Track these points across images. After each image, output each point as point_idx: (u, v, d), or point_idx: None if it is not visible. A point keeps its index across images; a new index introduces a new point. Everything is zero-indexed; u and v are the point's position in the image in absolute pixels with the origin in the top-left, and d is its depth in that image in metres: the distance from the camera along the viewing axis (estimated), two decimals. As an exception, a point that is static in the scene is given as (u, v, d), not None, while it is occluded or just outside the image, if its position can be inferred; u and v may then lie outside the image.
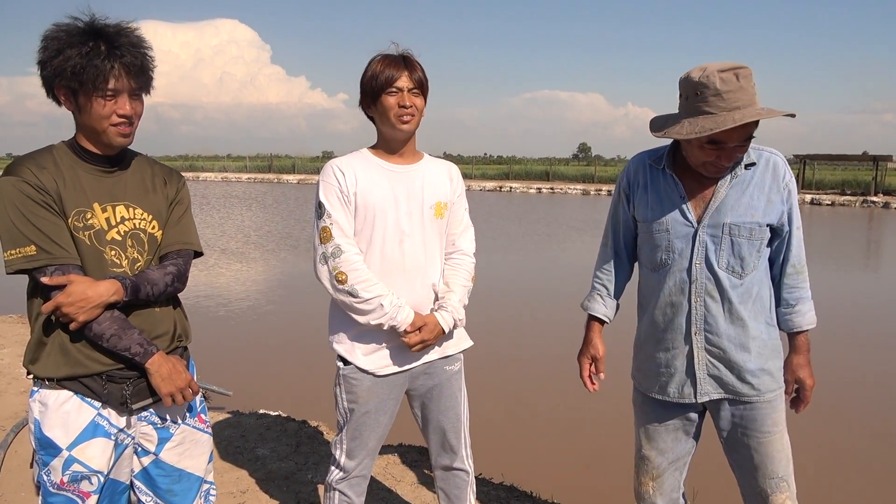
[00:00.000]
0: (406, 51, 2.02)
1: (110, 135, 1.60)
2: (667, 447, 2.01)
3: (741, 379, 1.87)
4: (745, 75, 1.68)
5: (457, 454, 2.20)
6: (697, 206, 1.86)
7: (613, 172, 42.07)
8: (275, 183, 41.75)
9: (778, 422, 1.91)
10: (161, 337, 1.70)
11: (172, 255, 1.74)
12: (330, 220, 1.95)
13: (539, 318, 7.70)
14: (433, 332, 2.00)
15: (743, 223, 1.81)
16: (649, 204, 1.93)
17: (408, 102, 1.95)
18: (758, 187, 1.83)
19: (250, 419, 3.84)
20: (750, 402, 1.89)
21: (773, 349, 1.91)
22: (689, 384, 1.92)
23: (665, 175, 1.90)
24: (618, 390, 5.50)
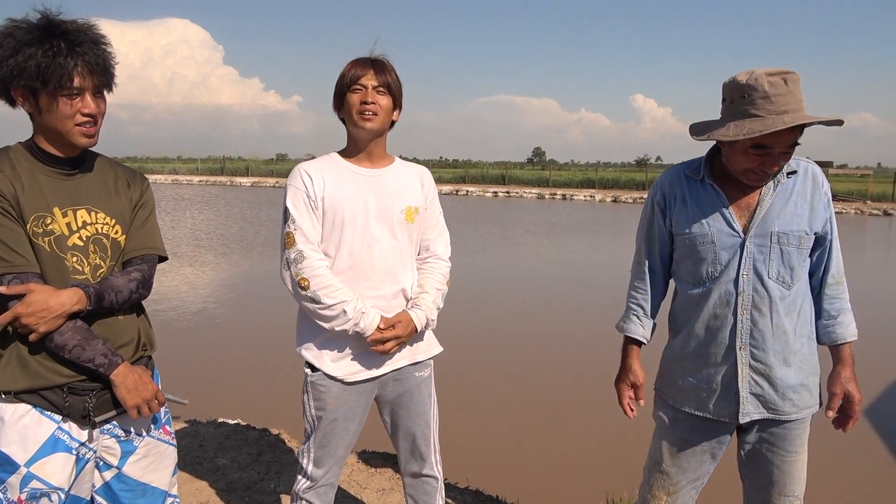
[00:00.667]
0: (382, 55, 2.01)
1: (75, 135, 1.54)
2: (690, 466, 1.95)
3: (783, 396, 1.81)
4: (794, 80, 1.65)
5: (426, 461, 2.19)
6: (742, 215, 1.79)
7: (567, 176, 42.76)
8: (227, 185, 40.87)
9: (805, 441, 1.87)
10: (125, 346, 1.65)
11: (136, 260, 1.69)
12: (294, 225, 1.93)
13: (503, 322, 7.75)
14: (407, 329, 1.99)
15: (792, 231, 1.76)
16: (690, 216, 1.84)
17: (370, 99, 1.94)
18: (801, 195, 1.79)
19: (208, 428, 3.74)
20: (785, 421, 1.83)
21: (812, 364, 1.85)
22: (730, 403, 1.84)
23: (705, 185, 1.84)
24: (581, 396, 5.60)
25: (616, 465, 3.93)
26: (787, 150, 1.69)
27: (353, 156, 2.04)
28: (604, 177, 40.27)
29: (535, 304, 8.74)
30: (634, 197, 32.20)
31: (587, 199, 32.86)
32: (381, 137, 2.04)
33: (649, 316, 2.02)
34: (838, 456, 3.99)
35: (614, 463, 3.99)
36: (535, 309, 8.48)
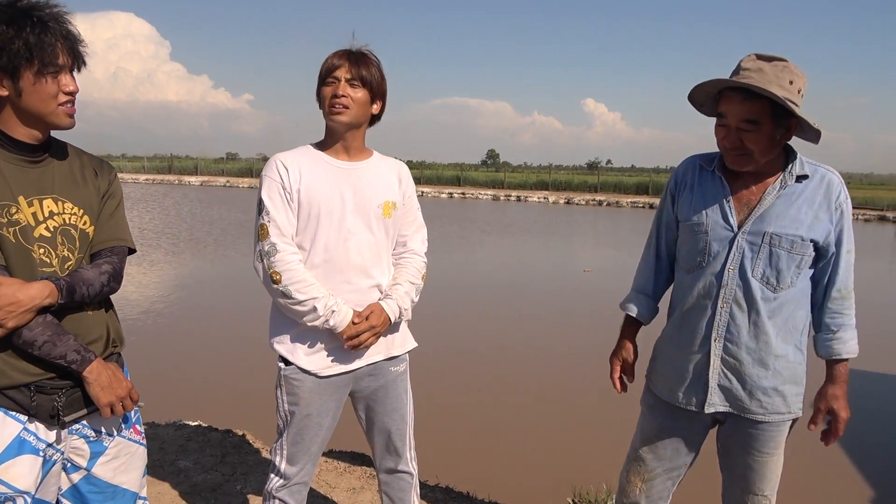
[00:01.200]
0: (363, 46, 1.98)
1: (58, 115, 1.48)
2: (665, 454, 1.98)
3: (751, 395, 1.82)
4: (776, 65, 1.66)
5: (401, 456, 2.17)
6: (741, 210, 1.80)
7: (521, 178, 43.19)
8: (176, 184, 39.75)
9: (780, 444, 1.88)
10: (95, 342, 1.57)
11: (106, 252, 1.62)
12: (268, 217, 1.89)
13: (469, 317, 7.77)
14: (380, 319, 1.95)
15: (785, 234, 1.74)
16: (693, 205, 1.87)
17: (341, 92, 1.91)
18: (807, 202, 1.75)
19: (168, 430, 3.62)
20: (755, 421, 1.84)
21: (794, 374, 1.83)
22: (699, 392, 1.87)
23: (714, 176, 1.86)
24: (550, 390, 5.65)
25: (583, 459, 3.99)
26: (746, 127, 1.69)
27: (329, 148, 2.00)
28: (557, 179, 40.91)
29: (501, 298, 8.80)
30: (587, 199, 32.81)
31: (541, 200, 33.29)
32: (359, 131, 2.00)
33: (650, 297, 2.06)
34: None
35: (582, 456, 4.05)
36: (505, 305, 8.53)
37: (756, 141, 1.71)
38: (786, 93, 1.65)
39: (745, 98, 1.67)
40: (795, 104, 1.67)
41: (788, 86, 1.66)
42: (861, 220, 26.00)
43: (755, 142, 1.71)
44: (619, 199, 32.19)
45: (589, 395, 5.13)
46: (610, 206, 30.76)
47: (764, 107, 1.67)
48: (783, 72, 1.66)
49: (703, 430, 1.97)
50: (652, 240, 2.06)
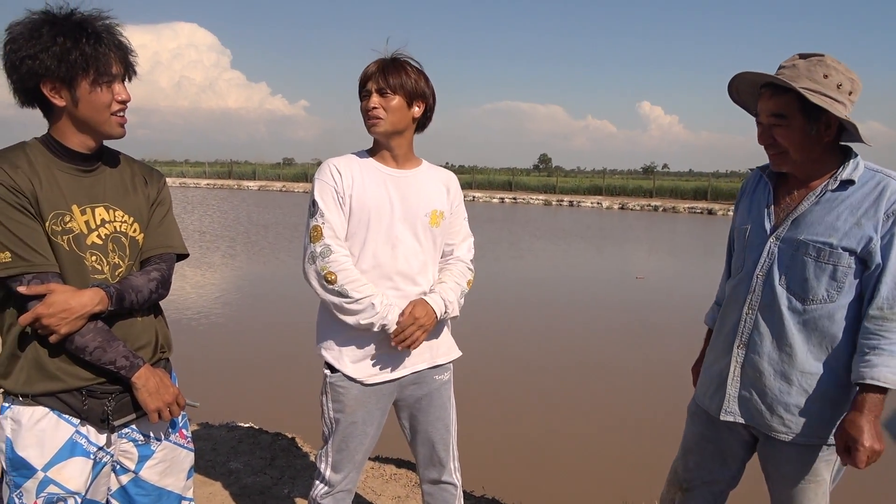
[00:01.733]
0: (396, 52, 1.97)
1: (111, 125, 1.52)
2: (703, 464, 1.93)
3: (771, 409, 1.73)
4: (811, 60, 1.62)
5: (445, 467, 2.15)
6: (779, 215, 1.76)
7: (574, 183, 42.67)
8: (235, 189, 41.00)
9: (817, 472, 1.72)
10: (143, 348, 1.61)
11: (155, 259, 1.65)
12: (322, 219, 1.89)
13: (516, 325, 7.70)
14: (424, 310, 1.91)
15: (813, 241, 1.65)
16: (744, 210, 1.88)
17: (372, 104, 1.91)
18: (851, 208, 1.64)
19: (220, 431, 3.70)
20: (783, 442, 1.74)
21: (826, 396, 1.69)
22: (720, 399, 1.83)
23: (765, 183, 1.84)
24: (602, 402, 5.53)
25: (634, 472, 3.87)
26: (774, 121, 1.66)
27: (380, 155, 2.00)
28: (611, 184, 40.18)
29: (555, 308, 8.69)
30: (642, 204, 32.12)
31: (594, 205, 32.80)
32: (403, 138, 1.99)
33: None
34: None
35: (633, 469, 3.93)
36: (554, 312, 8.43)
37: (787, 136, 1.66)
38: (817, 86, 1.60)
39: (774, 93, 1.66)
40: (832, 99, 1.60)
41: (822, 79, 1.61)
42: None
43: (786, 137, 1.66)
44: (676, 205, 31.37)
45: (641, 408, 4.99)
46: (666, 211, 30.02)
47: (791, 100, 1.63)
48: (817, 66, 1.62)
49: (743, 445, 1.88)
50: (728, 250, 2.04)
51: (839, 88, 1.61)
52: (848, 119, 1.60)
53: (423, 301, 1.94)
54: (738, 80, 1.74)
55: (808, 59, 1.63)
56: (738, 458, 1.90)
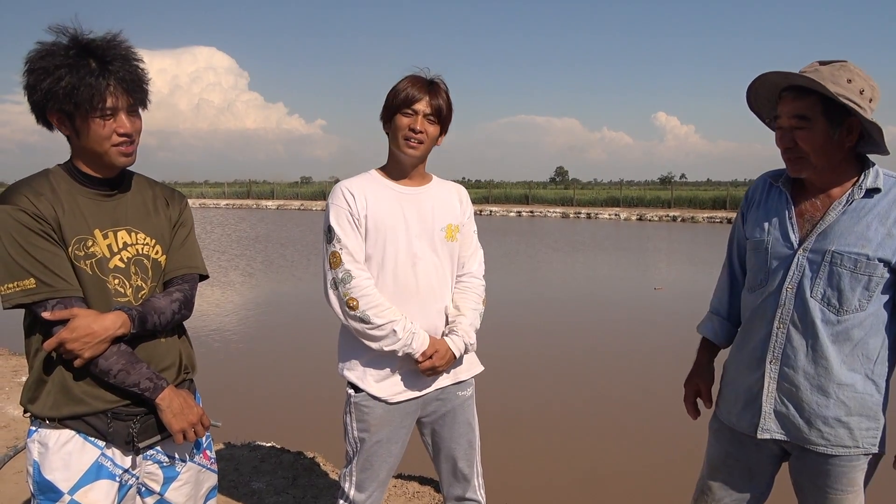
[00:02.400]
0: (437, 76, 1.98)
1: (112, 156, 1.52)
2: (732, 482, 1.89)
3: (810, 423, 1.71)
4: (833, 65, 1.62)
5: (469, 483, 2.13)
6: (804, 227, 1.72)
7: (591, 195, 42.52)
8: (254, 209, 41.42)
9: (854, 482, 1.73)
10: (167, 370, 1.62)
11: (177, 280, 1.66)
12: (339, 244, 1.89)
13: (535, 337, 7.65)
14: (444, 358, 1.94)
15: (848, 252, 1.63)
16: (758, 221, 1.83)
17: (419, 127, 1.91)
18: (880, 217, 1.63)
19: (243, 451, 3.70)
20: (821, 454, 1.72)
21: (862, 406, 1.68)
22: (753, 416, 1.80)
23: (780, 191, 1.80)
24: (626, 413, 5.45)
25: (659, 485, 3.80)
26: (797, 124, 1.63)
27: (393, 174, 2.01)
28: (628, 195, 39.94)
29: (572, 319, 8.63)
30: (660, 215, 31.88)
31: (612, 217, 32.63)
32: (424, 162, 2.02)
33: (725, 318, 2.00)
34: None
35: (662, 484, 3.86)
36: (573, 324, 8.37)
37: (808, 140, 1.63)
38: (841, 89, 1.57)
39: (797, 96, 1.64)
40: (855, 103, 1.57)
41: (846, 84, 1.59)
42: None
43: (807, 141, 1.63)
44: (695, 215, 31.10)
45: (662, 419, 4.90)
46: (685, 221, 29.76)
47: (815, 103, 1.61)
48: (840, 70, 1.60)
49: (772, 460, 1.84)
50: (727, 260, 2.00)
51: (862, 94, 1.59)
52: (874, 122, 1.58)
53: (445, 348, 1.94)
54: (760, 82, 1.71)
55: (831, 65, 1.62)
56: (767, 474, 1.87)
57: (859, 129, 1.63)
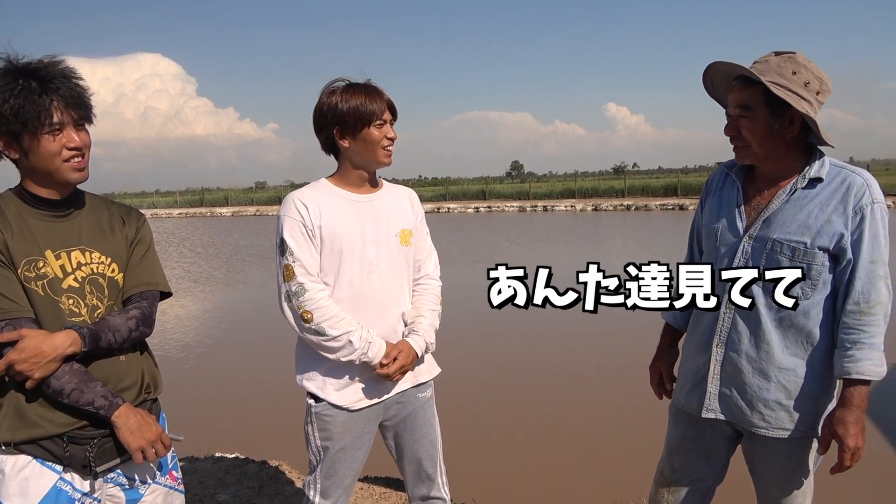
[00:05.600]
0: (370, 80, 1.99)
1: (65, 171, 1.52)
2: (689, 463, 1.95)
3: (751, 406, 1.76)
4: (783, 57, 1.66)
5: (433, 482, 2.17)
6: (750, 215, 1.76)
7: (547, 188, 42.98)
8: (208, 217, 40.61)
9: (801, 462, 1.78)
10: (128, 389, 1.61)
11: (136, 297, 1.65)
12: (292, 257, 1.90)
13: (493, 333, 7.72)
14: (409, 357, 1.98)
15: (787, 240, 1.67)
16: (712, 210, 1.88)
17: (393, 135, 1.95)
18: (820, 206, 1.66)
19: (206, 464, 3.67)
20: (762, 436, 1.77)
21: (805, 391, 1.72)
22: (700, 397, 1.86)
23: (732, 181, 1.85)
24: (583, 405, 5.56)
25: (623, 474, 3.91)
26: (741, 113, 1.69)
27: (346, 182, 2.01)
28: (583, 186, 40.54)
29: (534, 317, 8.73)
30: (615, 204, 32.47)
31: (568, 209, 33.09)
32: None
33: None
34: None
35: (622, 471, 3.97)
36: (533, 321, 8.47)
37: (750, 129, 1.69)
38: (785, 81, 1.63)
39: (743, 85, 1.69)
40: (799, 95, 1.63)
41: (790, 76, 1.64)
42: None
43: (750, 130, 1.69)
44: (648, 203, 31.76)
45: (624, 409, 5.04)
46: (638, 209, 30.37)
47: (759, 93, 1.66)
48: (787, 62, 1.66)
49: (727, 441, 1.92)
50: (688, 245, 2.07)
51: (807, 87, 1.64)
52: (808, 115, 1.63)
53: (408, 348, 1.98)
54: (713, 70, 1.76)
55: (781, 56, 1.67)
56: (723, 454, 1.93)
57: (802, 120, 1.66)
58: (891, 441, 4.30)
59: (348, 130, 1.93)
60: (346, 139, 1.94)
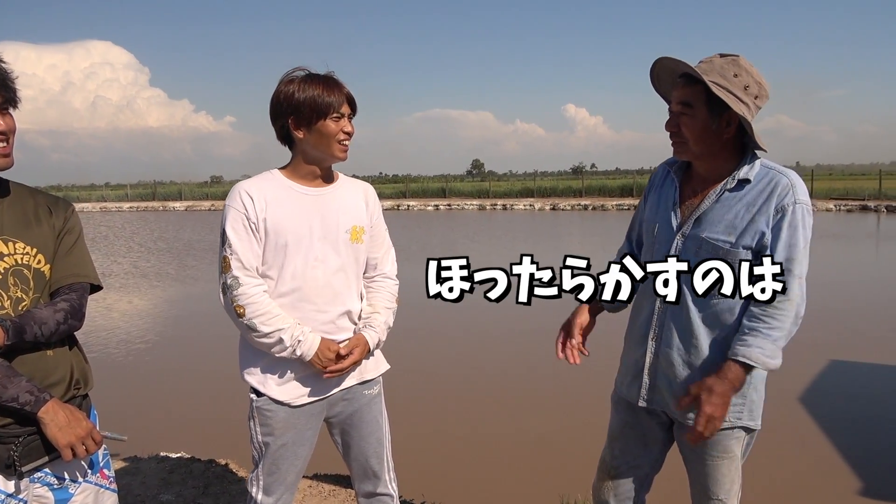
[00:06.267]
0: (332, 72, 1.95)
1: None
2: (628, 450, 2.01)
3: (678, 397, 1.80)
4: (726, 59, 1.71)
5: (380, 479, 2.15)
6: (685, 213, 1.82)
7: (507, 187, 43.26)
8: (160, 211, 39.55)
9: (728, 449, 1.83)
10: (56, 385, 1.54)
11: (64, 290, 1.59)
12: (230, 250, 1.86)
13: (450, 332, 7.74)
14: (364, 352, 1.98)
15: (714, 240, 1.73)
16: (652, 206, 1.94)
17: (350, 129, 1.91)
18: (747, 206, 1.71)
19: (150, 464, 3.57)
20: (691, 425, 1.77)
21: None
22: (638, 387, 1.92)
23: (671, 178, 1.90)
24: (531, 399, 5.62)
25: (570, 467, 3.97)
26: (682, 110, 1.74)
27: (297, 175, 1.96)
28: (542, 186, 40.98)
29: (484, 311, 8.77)
30: (572, 204, 32.91)
31: (527, 208, 33.38)
32: None
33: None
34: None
35: (569, 465, 4.02)
36: (483, 315, 8.51)
37: (690, 126, 1.74)
38: (726, 82, 1.68)
39: (686, 83, 1.74)
40: (736, 97, 1.68)
41: (732, 78, 1.68)
42: (843, 210, 26.25)
43: (689, 127, 1.74)
44: (605, 203, 32.31)
45: (572, 402, 5.11)
46: (595, 209, 30.87)
47: (700, 92, 1.70)
48: (729, 65, 1.70)
49: (663, 427, 1.97)
50: (627, 234, 2.12)
51: (746, 90, 1.68)
52: (745, 117, 1.67)
53: (364, 342, 1.97)
54: (659, 66, 1.81)
55: (725, 58, 1.71)
56: (660, 441, 1.99)
57: (738, 122, 1.71)
58: (827, 433, 4.47)
59: (303, 121, 1.88)
60: (300, 130, 1.90)
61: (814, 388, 5.35)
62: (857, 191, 31.04)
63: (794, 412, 4.86)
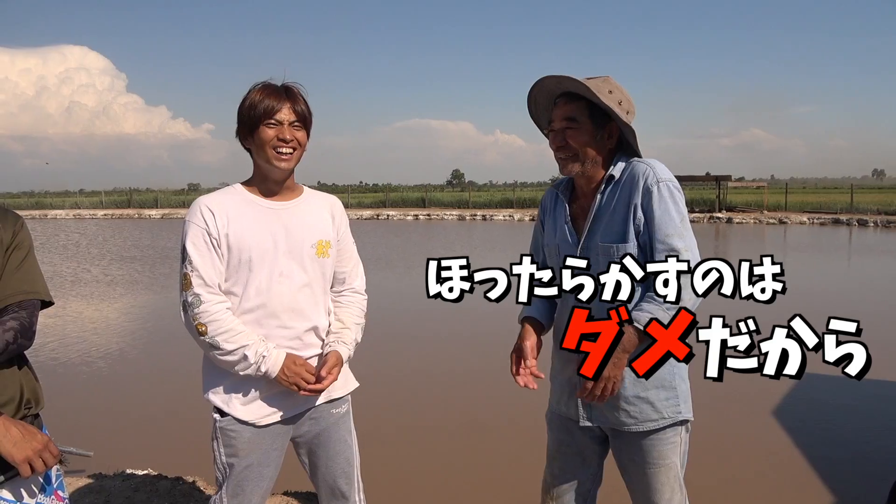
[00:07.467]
0: (291, 82, 1.91)
1: None
2: (567, 468, 2.01)
3: (616, 407, 1.83)
4: (599, 79, 1.83)
5: (348, 499, 2.11)
6: (579, 228, 1.90)
7: (487, 197, 43.40)
8: (135, 218, 39.00)
9: (664, 455, 1.85)
10: (6, 405, 1.49)
11: (13, 307, 1.52)
12: (191, 266, 1.81)
13: (424, 346, 7.69)
14: (339, 367, 1.94)
15: (604, 243, 1.80)
16: (550, 230, 2.00)
17: (288, 136, 1.84)
18: (621, 201, 1.81)
19: (115, 482, 3.46)
20: (630, 433, 1.85)
21: (658, 379, 1.79)
22: (573, 405, 1.93)
23: (560, 200, 1.97)
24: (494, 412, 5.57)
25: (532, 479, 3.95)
26: (568, 125, 1.83)
27: (259, 189, 1.93)
28: (521, 196, 41.23)
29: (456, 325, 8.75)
30: (551, 214, 33.10)
31: (506, 218, 33.51)
32: (293, 171, 1.95)
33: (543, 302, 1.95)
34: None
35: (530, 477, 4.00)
36: (458, 330, 8.48)
37: (577, 138, 1.83)
38: (604, 98, 1.78)
39: (568, 100, 1.84)
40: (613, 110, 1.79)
41: (607, 94, 1.80)
42: (816, 224, 26.74)
43: (576, 138, 1.83)
44: (583, 214, 32.57)
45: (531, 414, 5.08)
46: (574, 220, 31.03)
47: (583, 107, 1.82)
48: (603, 83, 1.82)
49: (598, 442, 1.99)
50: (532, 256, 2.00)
51: (620, 105, 1.82)
52: (628, 125, 1.82)
53: (338, 357, 1.94)
54: (538, 88, 1.89)
55: (596, 79, 1.82)
56: (596, 455, 2.01)
57: (618, 134, 1.86)
58: (798, 445, 4.50)
59: (246, 130, 1.87)
60: (247, 139, 1.88)
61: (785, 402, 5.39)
62: (829, 204, 31.68)
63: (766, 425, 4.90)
